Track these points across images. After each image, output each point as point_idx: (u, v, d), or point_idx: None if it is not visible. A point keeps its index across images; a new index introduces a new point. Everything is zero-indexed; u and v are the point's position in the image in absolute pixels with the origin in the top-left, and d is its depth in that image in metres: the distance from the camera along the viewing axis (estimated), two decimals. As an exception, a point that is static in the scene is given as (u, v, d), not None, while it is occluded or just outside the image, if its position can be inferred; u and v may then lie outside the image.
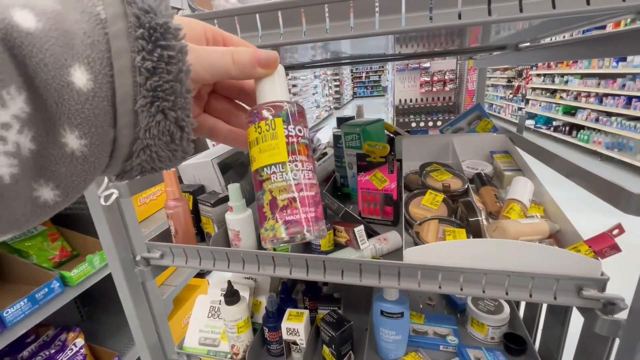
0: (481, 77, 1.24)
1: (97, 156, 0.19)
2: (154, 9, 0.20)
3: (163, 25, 0.20)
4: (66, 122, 0.17)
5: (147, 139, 0.21)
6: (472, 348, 0.74)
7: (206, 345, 0.79)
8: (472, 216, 0.57)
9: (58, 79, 0.17)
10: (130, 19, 0.19)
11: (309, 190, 0.25)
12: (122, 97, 0.19)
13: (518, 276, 0.49)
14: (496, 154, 0.85)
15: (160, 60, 0.20)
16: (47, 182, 0.18)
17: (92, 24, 0.18)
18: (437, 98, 3.71)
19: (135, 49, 0.19)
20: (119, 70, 0.19)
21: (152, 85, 0.20)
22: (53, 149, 0.17)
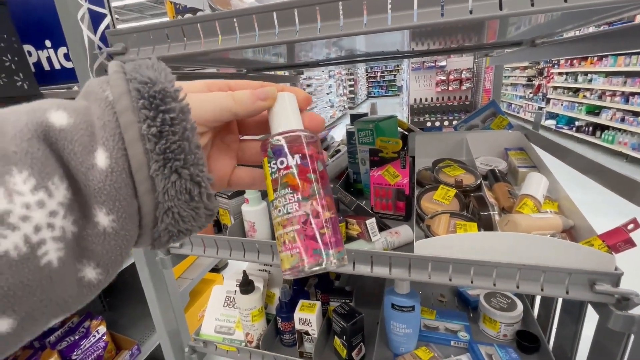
0: (497, 75, 1.22)
1: (127, 229, 0.21)
2: (153, 80, 0.21)
3: (161, 91, 0.21)
4: (94, 201, 0.19)
5: (167, 201, 0.22)
6: (483, 344, 0.74)
7: (222, 333, 0.82)
8: (484, 210, 0.57)
9: (85, 164, 0.19)
10: (133, 93, 0.21)
11: (314, 218, 0.25)
12: (137, 166, 0.21)
13: (529, 269, 0.49)
14: (511, 151, 0.84)
15: (164, 123, 0.21)
16: (89, 262, 0.19)
17: (103, 107, 0.21)
18: (453, 97, 3.65)
19: (140, 119, 0.21)
20: (130, 141, 0.20)
21: (161, 148, 0.21)
22: (90, 229, 0.19)
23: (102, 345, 1.31)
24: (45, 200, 0.17)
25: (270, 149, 0.27)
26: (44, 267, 0.17)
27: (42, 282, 0.17)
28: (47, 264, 0.17)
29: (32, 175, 0.17)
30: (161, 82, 0.22)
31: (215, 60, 0.86)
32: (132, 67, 0.23)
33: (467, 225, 0.56)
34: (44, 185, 0.17)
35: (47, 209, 0.17)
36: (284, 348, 0.80)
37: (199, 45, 0.52)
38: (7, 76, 1.14)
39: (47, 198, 0.17)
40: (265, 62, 0.99)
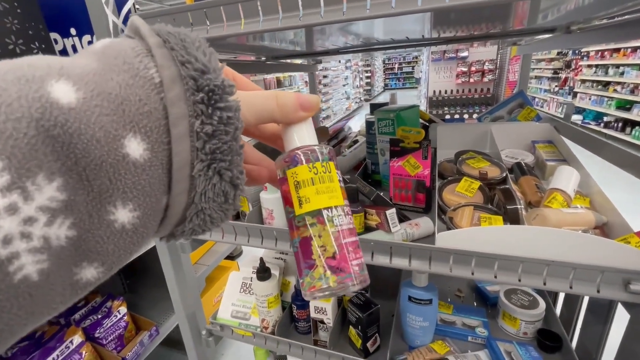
0: (525, 64, 1.17)
1: (147, 226, 0.19)
2: (209, 68, 0.19)
3: (220, 85, 0.19)
4: (120, 197, 0.16)
5: (202, 203, 0.20)
6: (502, 341, 0.72)
7: (238, 318, 0.83)
8: (510, 204, 0.55)
9: (113, 154, 0.16)
10: (188, 81, 0.18)
11: (355, 236, 0.24)
12: (180, 164, 0.18)
13: (558, 266, 0.47)
14: (538, 144, 0.80)
15: (220, 122, 0.19)
16: (91, 263, 0.17)
17: (147, 90, 0.17)
18: (475, 89, 3.55)
19: (193, 113, 0.18)
20: (177, 137, 0.18)
21: (211, 148, 0.19)
22: (99, 229, 0.16)
23: (123, 325, 1.36)
24: (19, 204, 0.13)
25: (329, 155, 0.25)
26: (19, 284, 0.14)
27: (18, 300, 0.14)
28: (23, 279, 0.14)
29: (6, 171, 0.13)
30: (217, 73, 0.19)
31: (235, 47, 0.85)
32: (177, 42, 0.19)
33: (492, 218, 0.54)
34: (20, 186, 0.13)
35: (20, 215, 0.13)
36: (299, 335, 0.81)
37: (222, 29, 0.52)
38: (35, 63, 1.18)
39: (22, 202, 0.13)
40: (283, 50, 0.98)
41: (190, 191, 0.19)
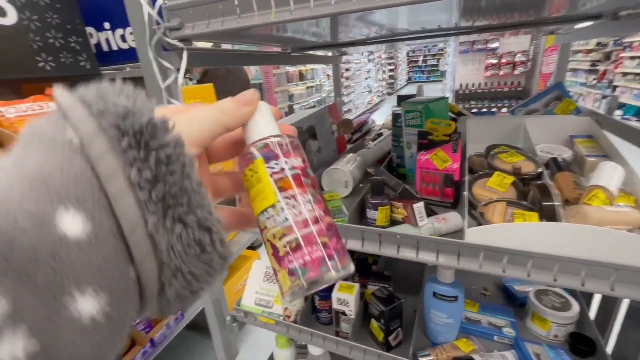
0: (563, 54, 1.10)
1: (122, 308, 0.16)
2: (132, 110, 0.17)
3: (149, 123, 0.17)
4: (74, 285, 0.14)
5: (174, 261, 0.17)
6: (531, 343, 0.70)
7: (261, 306, 0.85)
8: (547, 200, 0.52)
9: (46, 238, 0.13)
10: (110, 131, 0.16)
11: (314, 224, 0.22)
12: (130, 225, 0.16)
13: (599, 266, 0.44)
14: (577, 139, 0.76)
15: (159, 163, 0.17)
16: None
17: (68, 155, 0.15)
18: (504, 82, 3.39)
19: (127, 162, 0.16)
20: (115, 195, 0.16)
21: (159, 195, 0.16)
22: (66, 332, 0.14)
23: (151, 307, 1.42)
24: None
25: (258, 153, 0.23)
26: None
27: None
28: None
29: None
30: (143, 112, 0.17)
31: (262, 37, 0.85)
32: (94, 95, 0.17)
33: (527, 214, 0.52)
34: None
35: None
36: (320, 326, 0.82)
37: (252, 19, 0.52)
38: (73, 56, 1.24)
39: None
40: (309, 41, 0.98)
41: (155, 251, 0.17)
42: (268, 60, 1.12)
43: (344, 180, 0.81)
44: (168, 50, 0.62)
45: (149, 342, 1.32)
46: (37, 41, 1.11)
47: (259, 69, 4.11)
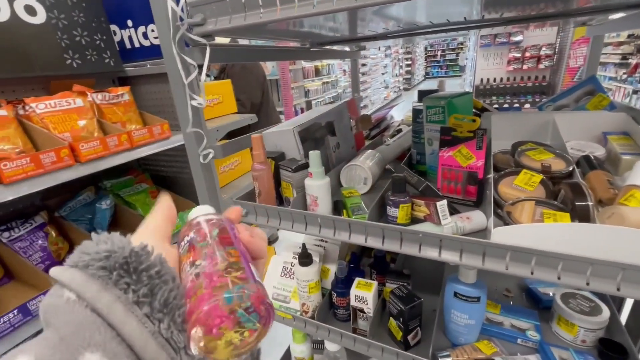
0: (595, 47, 1.05)
1: None
2: (112, 250, 0.20)
3: (131, 253, 0.20)
4: None
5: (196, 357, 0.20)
6: (557, 347, 0.67)
7: (278, 301, 0.85)
8: (580, 200, 0.50)
9: None
10: (98, 274, 0.19)
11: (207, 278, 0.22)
12: (141, 343, 0.18)
13: (637, 271, 0.42)
14: (611, 135, 0.72)
15: (152, 278, 0.20)
16: None
17: (69, 311, 0.18)
18: (528, 77, 3.27)
19: (120, 293, 0.19)
20: (119, 321, 0.18)
21: (161, 302, 0.20)
22: None
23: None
24: None
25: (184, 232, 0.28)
26: None
27: None
28: None
29: None
30: (123, 247, 0.20)
31: (282, 32, 0.85)
32: (77, 256, 0.20)
33: (558, 215, 0.50)
34: None
35: None
36: (337, 322, 0.82)
37: (275, 13, 0.52)
38: (97, 54, 1.27)
39: None
40: (327, 36, 0.97)
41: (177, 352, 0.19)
42: (287, 56, 1.12)
43: (363, 177, 0.80)
44: (190, 47, 0.63)
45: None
46: (65, 39, 1.15)
47: (276, 65, 4.12)
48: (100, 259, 0.20)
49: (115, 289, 0.19)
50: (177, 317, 0.20)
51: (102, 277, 0.19)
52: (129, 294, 0.19)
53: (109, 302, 0.18)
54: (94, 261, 0.20)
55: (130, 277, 0.19)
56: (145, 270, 0.20)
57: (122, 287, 0.19)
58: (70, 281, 0.19)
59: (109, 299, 0.19)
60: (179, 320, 0.20)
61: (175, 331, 0.19)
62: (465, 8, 0.68)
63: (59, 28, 1.13)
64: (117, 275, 0.19)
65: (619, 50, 6.29)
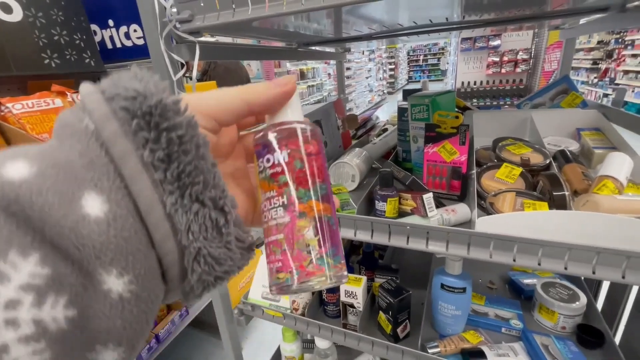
0: (568, 49, 1.10)
1: (149, 289, 0.16)
2: (142, 93, 0.17)
3: (158, 105, 0.17)
4: (97, 264, 0.14)
5: (194, 243, 0.17)
6: (539, 334, 0.70)
7: (268, 299, 0.85)
8: (557, 190, 0.53)
9: (70, 217, 0.14)
10: (120, 114, 0.16)
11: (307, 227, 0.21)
12: (147, 205, 0.16)
13: (610, 254, 0.44)
14: (584, 131, 0.76)
15: (171, 144, 0.17)
16: (105, 345, 0.15)
17: (85, 140, 0.16)
18: (506, 80, 3.39)
19: (139, 144, 0.16)
20: (130, 175, 0.16)
21: (174, 174, 0.17)
22: (98, 303, 0.14)
23: (156, 304, 1.43)
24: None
25: (257, 144, 0.23)
26: None
27: None
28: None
29: None
30: (154, 94, 0.17)
31: (269, 32, 0.86)
32: (109, 83, 0.17)
33: (537, 204, 0.52)
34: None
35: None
36: (328, 319, 0.82)
37: (264, 10, 0.52)
38: (77, 53, 1.24)
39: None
40: (313, 36, 0.98)
41: (175, 233, 0.17)
42: (274, 55, 1.12)
43: (351, 174, 0.81)
44: (175, 44, 0.63)
45: (153, 338, 1.32)
46: (43, 38, 1.12)
47: (261, 68, 4.12)
48: (126, 98, 0.17)
49: (134, 138, 0.16)
50: (187, 196, 0.17)
51: (122, 120, 0.16)
52: (145, 151, 0.16)
53: (124, 151, 0.16)
54: (120, 98, 0.17)
55: (149, 132, 0.16)
56: (167, 130, 0.17)
57: (140, 141, 0.16)
58: (93, 110, 0.16)
59: (125, 147, 0.16)
60: (187, 201, 0.17)
61: (180, 210, 0.17)
62: (447, 10, 0.70)
63: (36, 26, 1.10)
64: (137, 125, 0.16)
65: (590, 56, 6.62)
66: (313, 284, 0.21)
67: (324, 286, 0.21)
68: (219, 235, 0.18)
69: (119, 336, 0.15)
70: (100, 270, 0.14)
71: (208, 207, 0.17)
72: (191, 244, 0.17)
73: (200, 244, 0.17)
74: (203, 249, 0.17)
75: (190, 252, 0.17)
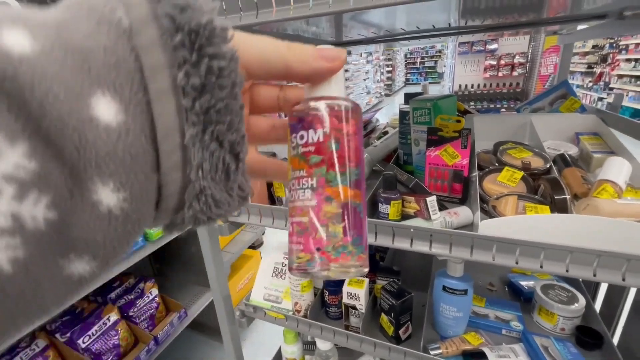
0: (566, 54, 1.12)
1: (140, 212, 0.15)
2: (193, 6, 0.15)
3: (207, 25, 0.15)
4: (95, 172, 0.13)
5: (201, 181, 0.16)
6: (539, 335, 0.71)
7: (270, 301, 0.85)
8: (558, 194, 0.53)
9: (76, 114, 0.12)
10: (163, 21, 0.14)
11: (335, 212, 0.20)
12: (166, 130, 0.15)
13: (611, 257, 0.45)
14: (583, 136, 0.77)
15: (210, 73, 0.15)
16: (80, 255, 0.13)
17: (114, 37, 0.14)
18: (503, 84, 3.43)
19: (175, 62, 0.14)
20: (157, 93, 0.14)
21: (203, 107, 0.15)
22: (83, 212, 0.13)
23: (155, 305, 1.42)
24: None
25: (292, 118, 0.21)
26: None
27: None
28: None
29: None
30: (205, 12, 0.15)
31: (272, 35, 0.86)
32: None
33: (539, 207, 0.53)
34: None
35: None
36: (329, 320, 0.82)
37: (270, 14, 0.53)
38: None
39: None
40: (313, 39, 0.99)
41: (185, 166, 0.16)
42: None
43: (353, 177, 0.82)
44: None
45: (152, 340, 1.32)
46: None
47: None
48: (175, 5, 0.14)
49: (172, 54, 0.14)
50: (208, 133, 0.16)
51: (165, 29, 0.14)
52: (180, 72, 0.15)
53: (158, 65, 0.14)
54: (167, 3, 0.14)
55: (191, 54, 0.15)
56: (210, 57, 0.15)
57: (178, 59, 0.14)
58: (132, 5, 0.14)
59: (159, 61, 0.14)
60: (207, 137, 0.16)
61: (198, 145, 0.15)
62: (444, 16, 0.71)
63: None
64: (180, 42, 0.14)
65: (585, 60, 6.70)
66: (333, 272, 0.20)
67: (344, 275, 0.21)
68: (226, 179, 0.17)
69: (96, 250, 0.14)
70: (96, 179, 0.13)
71: (225, 150, 0.17)
72: (198, 181, 0.16)
73: (206, 183, 0.16)
74: (207, 189, 0.16)
75: (194, 189, 0.16)
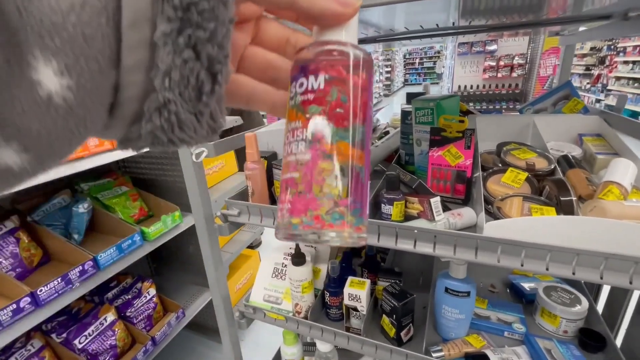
0: (568, 55, 1.12)
1: (87, 109, 0.13)
2: None
3: None
4: (38, 44, 0.11)
5: (166, 92, 0.14)
6: (541, 338, 0.70)
7: (270, 302, 0.84)
8: (565, 195, 0.53)
9: None
10: None
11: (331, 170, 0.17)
12: (133, 16, 0.12)
13: (618, 259, 0.45)
14: (586, 137, 0.77)
15: None
16: (9, 142, 0.11)
17: None
18: (502, 85, 3.43)
19: None
20: None
21: (183, 2, 0.13)
22: (18, 88, 0.11)
23: (152, 306, 1.41)
24: None
25: (294, 68, 0.19)
26: None
27: None
28: None
29: None
30: None
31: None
32: None
33: (544, 209, 0.52)
34: None
35: None
36: (330, 322, 0.81)
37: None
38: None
39: None
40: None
41: (150, 68, 0.13)
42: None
43: (355, 177, 0.81)
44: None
45: (150, 341, 1.30)
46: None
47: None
48: None
49: None
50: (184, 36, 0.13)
51: None
52: None
53: None
54: None
55: None
56: None
57: None
58: None
59: None
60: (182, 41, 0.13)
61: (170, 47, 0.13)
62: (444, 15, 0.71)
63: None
64: None
65: (583, 62, 6.73)
66: (326, 237, 0.17)
67: (337, 243, 0.18)
68: (196, 99, 0.15)
69: (28, 141, 0.12)
70: (38, 54, 0.11)
71: (201, 64, 0.14)
72: (162, 91, 0.14)
73: (172, 96, 0.14)
74: (172, 104, 0.14)
75: (157, 99, 0.14)
